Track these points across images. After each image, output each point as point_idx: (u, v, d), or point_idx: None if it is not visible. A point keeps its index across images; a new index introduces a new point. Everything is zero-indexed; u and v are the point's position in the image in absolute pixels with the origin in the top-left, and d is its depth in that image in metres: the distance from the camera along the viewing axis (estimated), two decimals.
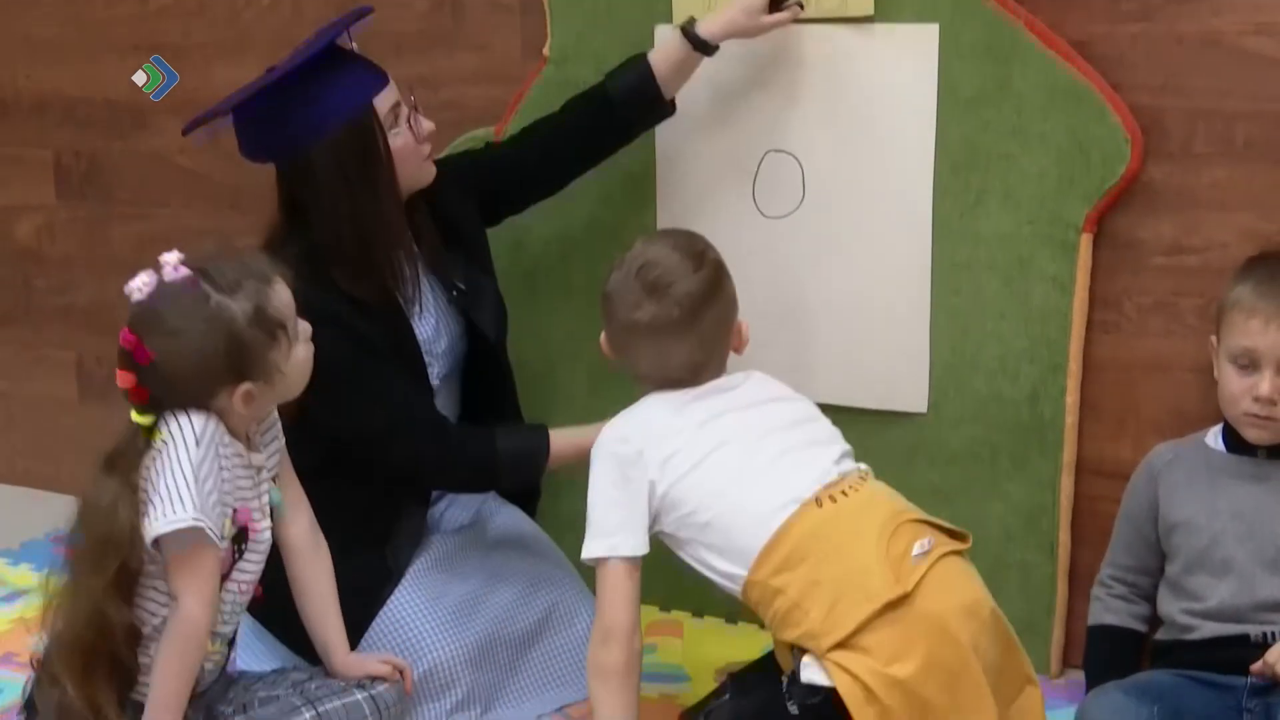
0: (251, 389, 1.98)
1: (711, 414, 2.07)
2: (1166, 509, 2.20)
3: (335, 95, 2.24)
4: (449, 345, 2.45)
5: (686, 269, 2.09)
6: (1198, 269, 2.33)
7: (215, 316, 1.94)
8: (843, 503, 1.97)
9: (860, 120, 2.47)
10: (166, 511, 1.90)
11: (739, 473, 2.02)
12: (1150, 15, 2.30)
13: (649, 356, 2.11)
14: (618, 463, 2.08)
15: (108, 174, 3.36)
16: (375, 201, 2.27)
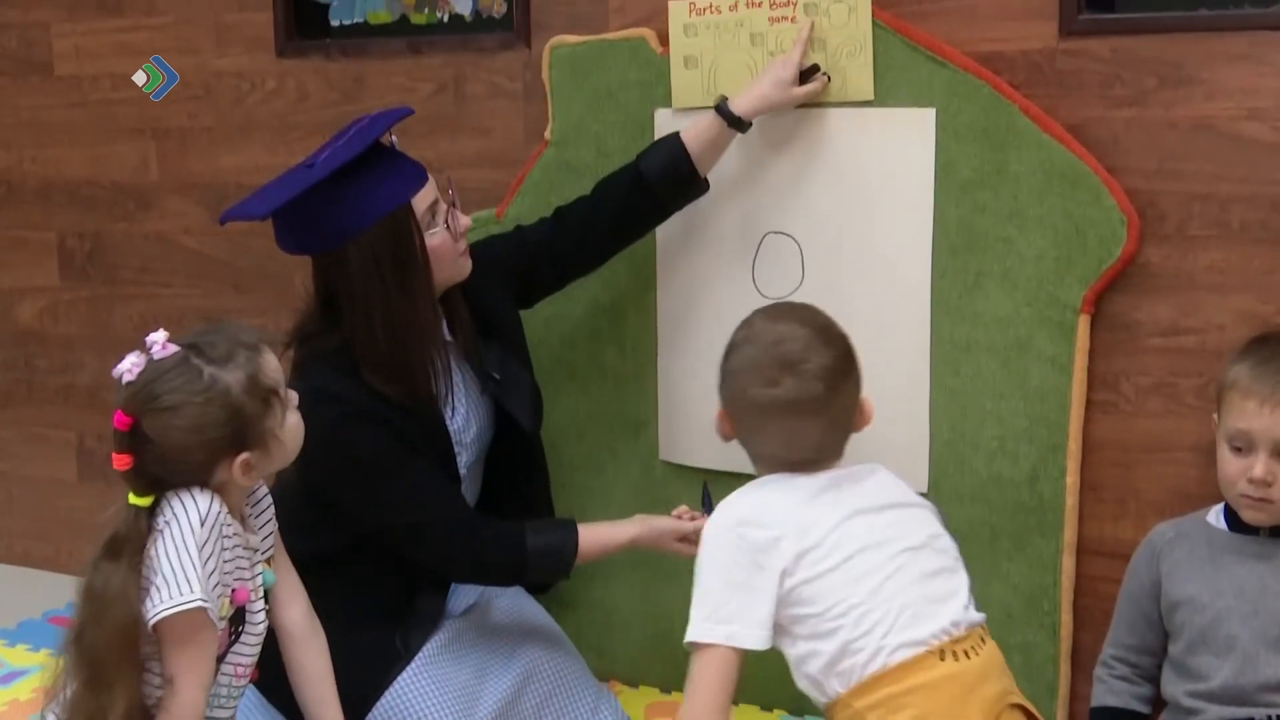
0: (250, 458, 1.96)
1: (846, 512, 1.96)
2: (1169, 587, 2.18)
3: (373, 194, 2.21)
4: (478, 433, 2.44)
5: (819, 343, 2.00)
6: (1195, 350, 2.34)
7: (210, 389, 1.92)
8: (964, 664, 1.89)
9: (859, 202, 2.49)
10: (172, 593, 1.87)
11: (875, 592, 1.90)
12: (1143, 100, 2.33)
13: (780, 435, 2.00)
14: (748, 547, 1.93)
15: (111, 255, 3.38)
16: (409, 301, 2.24)
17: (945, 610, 1.92)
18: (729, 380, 2.05)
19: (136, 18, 3.22)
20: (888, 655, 1.87)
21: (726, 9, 2.52)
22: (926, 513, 2.05)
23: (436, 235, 2.27)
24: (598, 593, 2.86)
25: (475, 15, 2.89)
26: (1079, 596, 2.46)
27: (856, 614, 1.89)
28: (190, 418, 1.91)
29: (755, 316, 2.09)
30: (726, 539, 1.95)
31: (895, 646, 1.87)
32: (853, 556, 1.91)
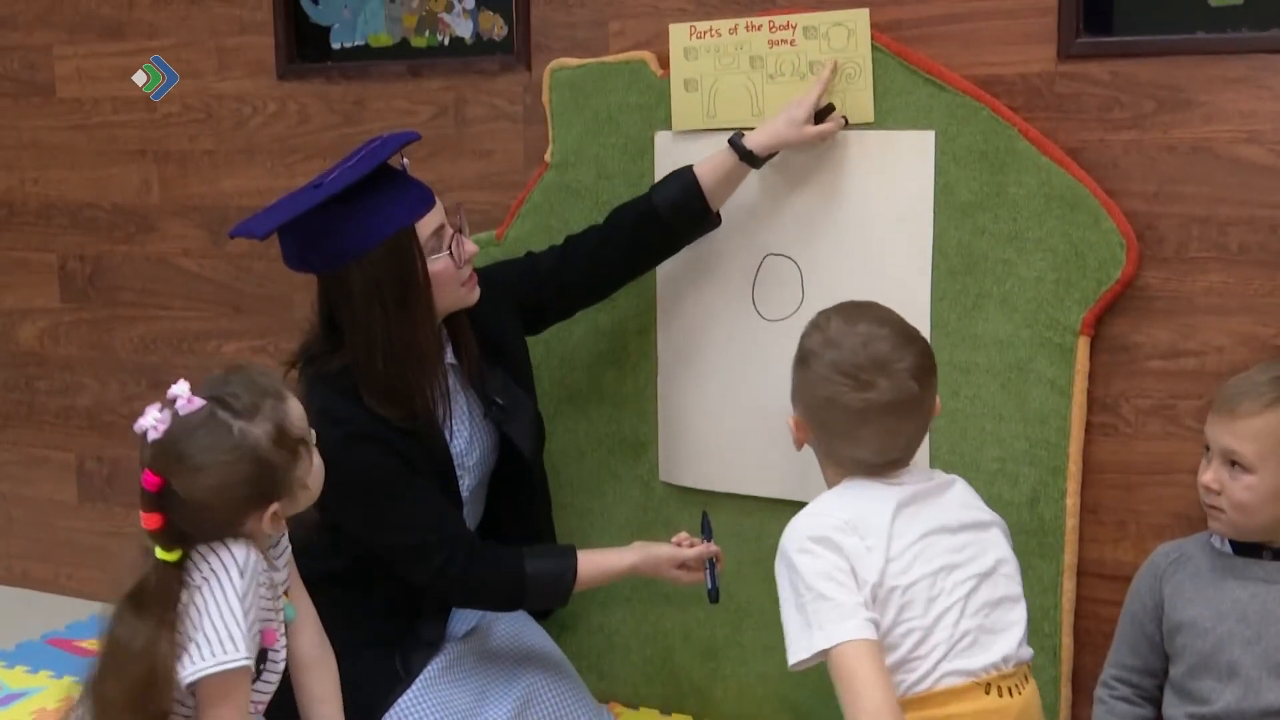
0: (278, 509, 1.94)
1: (927, 528, 1.93)
2: (1170, 610, 2.17)
3: (377, 216, 2.20)
4: (480, 458, 2.43)
5: (904, 341, 1.97)
6: (1195, 372, 2.34)
7: (240, 446, 1.89)
8: (1006, 701, 1.89)
9: (859, 224, 2.49)
10: (215, 652, 1.85)
11: (941, 616, 1.89)
12: (1142, 123, 2.33)
13: (875, 439, 1.96)
14: (843, 555, 1.89)
15: (112, 277, 3.38)
16: (409, 325, 2.23)
17: (1000, 643, 1.92)
18: (813, 387, 1.98)
19: (138, 41, 3.22)
20: (938, 679, 1.87)
21: (726, 32, 2.52)
22: (999, 533, 2.04)
23: (440, 261, 2.26)
24: (597, 615, 2.85)
25: (476, 38, 2.90)
26: (1079, 619, 2.45)
27: (919, 635, 1.88)
28: (220, 477, 1.88)
29: (828, 320, 2.02)
30: (822, 545, 1.90)
31: (947, 672, 1.87)
32: (928, 577, 1.90)
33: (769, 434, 2.60)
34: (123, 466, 3.45)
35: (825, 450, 2.04)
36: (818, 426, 2.01)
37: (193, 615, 1.87)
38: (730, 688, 2.77)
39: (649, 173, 2.65)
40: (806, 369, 2.00)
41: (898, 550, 1.90)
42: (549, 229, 2.76)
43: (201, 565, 1.90)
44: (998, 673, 1.90)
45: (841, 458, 2.01)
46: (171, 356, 3.33)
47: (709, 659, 2.77)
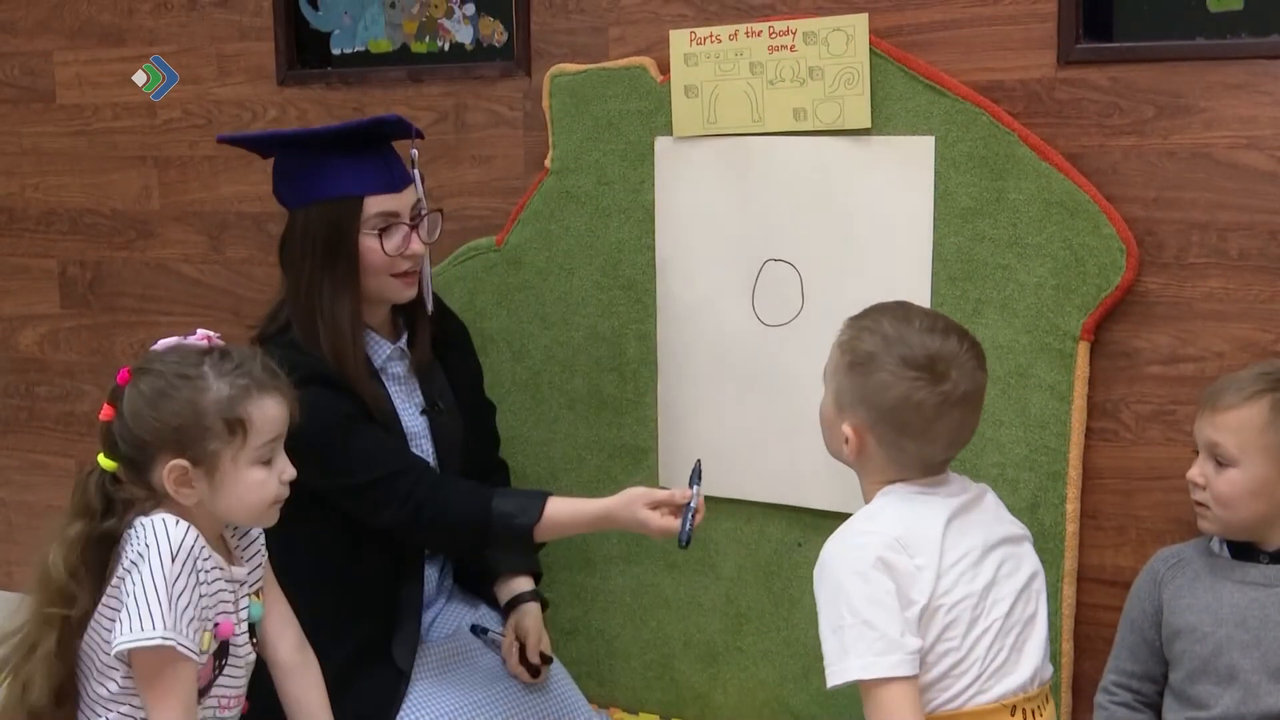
0: (185, 468, 1.92)
1: (972, 542, 1.92)
2: (1170, 615, 2.16)
3: (335, 172, 2.30)
4: (432, 451, 2.44)
5: (958, 334, 1.97)
6: (1195, 377, 2.33)
7: (189, 381, 1.93)
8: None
9: (858, 230, 2.48)
10: (134, 626, 1.85)
11: (979, 640, 1.89)
12: (1142, 129, 2.32)
13: (950, 431, 1.94)
14: (893, 576, 1.86)
15: (112, 283, 3.37)
16: (330, 287, 2.29)
17: (1027, 663, 1.92)
18: (883, 389, 1.93)
19: (138, 47, 3.22)
20: (967, 700, 1.87)
21: (726, 38, 2.52)
22: (1029, 546, 2.04)
23: (370, 241, 2.30)
24: (597, 620, 2.85)
25: (476, 44, 2.90)
26: (1079, 625, 2.45)
27: (956, 657, 1.87)
28: (154, 390, 1.93)
29: (876, 321, 1.99)
30: (872, 564, 1.86)
31: (977, 693, 1.87)
32: (972, 596, 1.89)
33: (769, 439, 2.60)
34: None
35: (891, 455, 1.97)
36: (891, 428, 1.94)
37: (126, 583, 1.88)
38: (730, 693, 2.76)
39: (649, 178, 2.65)
40: (869, 373, 1.94)
41: (947, 566, 1.88)
42: (549, 235, 2.76)
43: (137, 536, 1.91)
44: (1024, 694, 1.90)
45: (906, 460, 1.96)
46: None
47: (709, 664, 2.76)
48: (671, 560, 2.74)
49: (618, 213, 2.70)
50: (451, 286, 2.86)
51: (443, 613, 2.52)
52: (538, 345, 2.82)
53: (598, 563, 2.83)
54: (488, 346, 2.84)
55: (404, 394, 2.42)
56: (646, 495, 2.21)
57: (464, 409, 2.51)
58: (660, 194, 2.65)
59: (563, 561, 2.74)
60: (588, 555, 2.83)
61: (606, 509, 2.23)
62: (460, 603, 2.55)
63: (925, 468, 1.98)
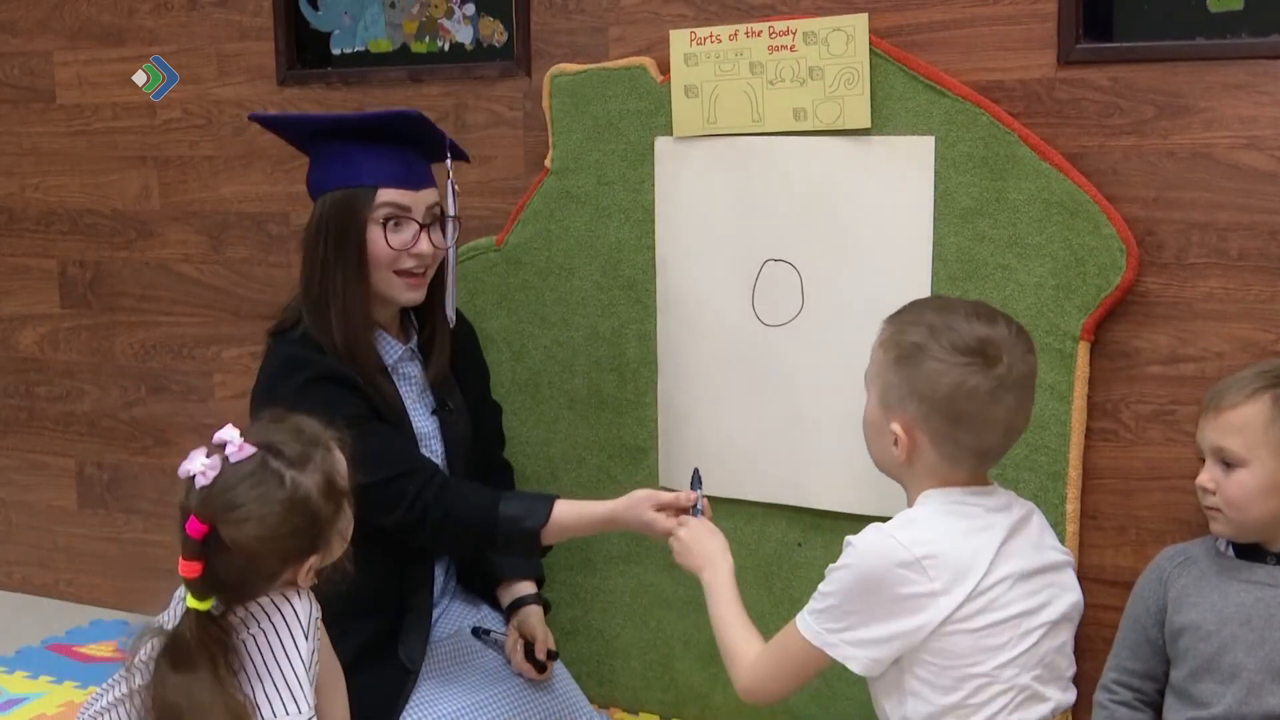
0: (315, 561, 1.90)
1: (1015, 569, 1.87)
2: (1174, 612, 2.16)
3: (355, 164, 2.31)
4: (442, 452, 2.44)
5: (1003, 321, 1.93)
6: (1194, 377, 2.33)
7: (292, 496, 1.84)
8: None
9: (858, 230, 2.48)
10: (288, 709, 1.82)
11: (1005, 666, 1.85)
12: (1142, 129, 2.32)
13: (1007, 417, 1.89)
14: (889, 596, 1.83)
15: (112, 283, 3.37)
16: (340, 275, 2.30)
17: (1052, 692, 1.90)
18: (935, 379, 1.87)
19: (138, 47, 3.22)
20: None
21: (726, 38, 2.52)
22: (1071, 574, 2.00)
23: (376, 231, 2.31)
24: (598, 620, 2.85)
25: (476, 44, 2.89)
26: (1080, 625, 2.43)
27: (978, 683, 1.84)
28: (271, 527, 1.83)
29: (919, 314, 1.95)
30: (881, 569, 1.83)
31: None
32: (999, 624, 1.85)
33: (769, 439, 2.60)
34: (123, 472, 3.44)
35: (942, 450, 1.91)
36: (945, 420, 1.88)
37: (258, 668, 1.83)
38: (731, 693, 2.74)
39: (649, 178, 2.65)
40: (918, 364, 1.89)
41: (981, 590, 1.83)
42: (549, 235, 2.76)
43: (263, 620, 1.86)
44: None
45: (961, 455, 1.90)
46: (172, 362, 3.32)
47: (709, 664, 2.76)
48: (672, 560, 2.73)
49: (618, 213, 2.70)
50: None
51: (446, 612, 2.52)
52: (538, 345, 2.81)
53: (598, 563, 2.83)
54: (488, 346, 2.84)
55: (414, 394, 2.42)
56: (652, 497, 2.20)
57: (471, 408, 2.52)
58: (660, 194, 2.65)
59: (563, 562, 2.74)
60: (588, 555, 2.83)
61: (612, 511, 2.23)
62: (463, 603, 2.55)
63: (979, 463, 1.93)
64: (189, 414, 3.32)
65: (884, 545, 1.85)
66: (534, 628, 2.44)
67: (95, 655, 3.16)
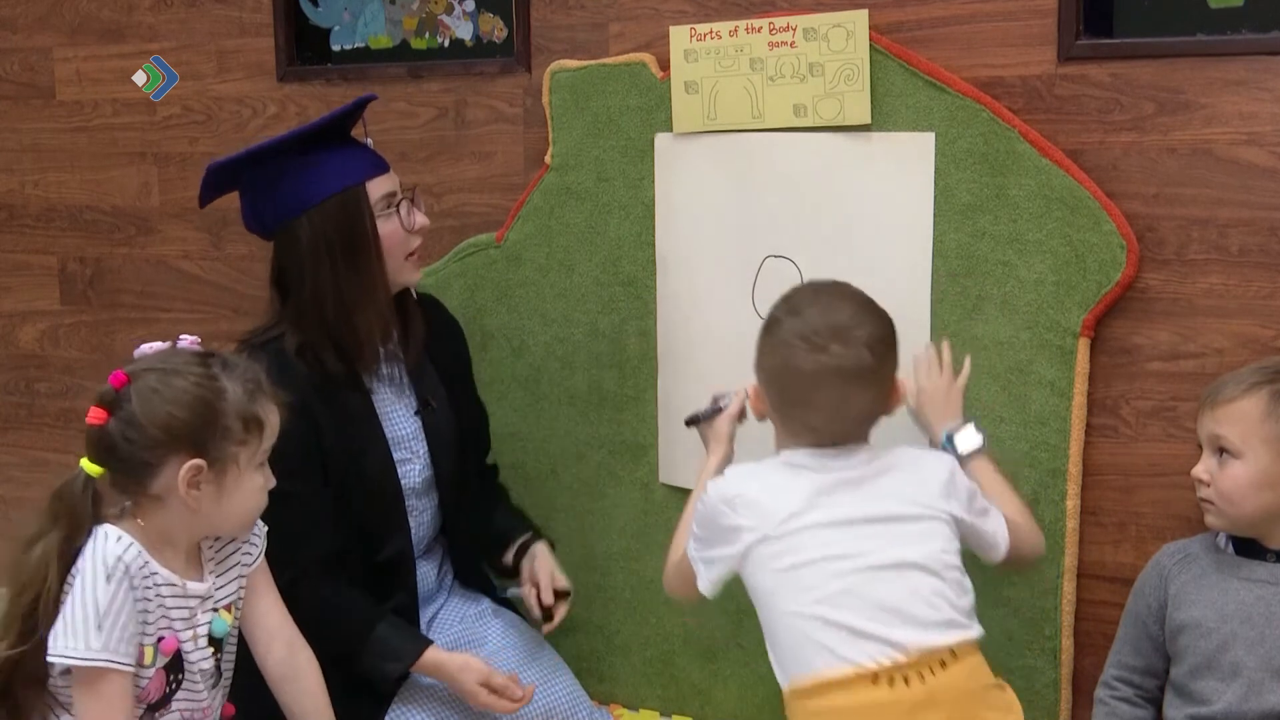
0: (201, 469, 1.91)
1: (834, 518, 1.98)
2: (1174, 609, 2.17)
3: (328, 170, 2.29)
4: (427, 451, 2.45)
5: (867, 314, 2.03)
6: (1195, 374, 2.34)
7: (205, 381, 1.92)
8: (901, 692, 1.87)
9: (858, 226, 2.49)
10: (68, 643, 1.86)
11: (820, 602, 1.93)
12: (1142, 125, 2.33)
13: (829, 404, 2.00)
14: (716, 525, 2.04)
15: (112, 279, 3.38)
16: (360, 281, 2.29)
17: (895, 632, 1.90)
18: (773, 352, 2.05)
19: (138, 43, 3.22)
20: (819, 667, 1.90)
21: (727, 34, 2.53)
22: (930, 525, 2.01)
23: (389, 222, 2.32)
24: (598, 616, 2.86)
25: (476, 40, 2.90)
26: (1079, 621, 2.45)
27: (791, 619, 1.95)
28: (171, 388, 1.91)
29: (797, 291, 2.12)
30: (706, 505, 2.06)
31: (827, 660, 1.90)
32: (807, 565, 1.95)
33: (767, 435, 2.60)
34: None
35: (780, 419, 2.09)
36: (775, 392, 2.07)
37: (70, 589, 1.90)
38: (731, 689, 2.77)
39: (649, 175, 2.66)
40: (769, 335, 2.06)
41: (784, 534, 1.97)
42: (549, 231, 2.77)
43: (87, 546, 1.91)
44: (891, 661, 1.88)
45: (795, 425, 2.06)
46: None
47: (710, 660, 2.77)
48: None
49: (618, 209, 2.71)
50: (451, 283, 2.86)
51: (445, 609, 2.52)
52: (538, 342, 2.82)
53: (598, 559, 2.84)
54: (488, 343, 2.85)
55: (394, 395, 2.42)
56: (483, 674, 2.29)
57: (454, 403, 2.52)
58: (660, 190, 2.65)
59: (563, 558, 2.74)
60: (588, 552, 2.84)
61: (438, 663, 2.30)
62: (462, 599, 2.55)
63: (815, 436, 2.04)
64: None
65: (719, 483, 2.06)
66: (539, 569, 2.45)
67: None
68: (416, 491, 2.43)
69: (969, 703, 1.91)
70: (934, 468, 2.08)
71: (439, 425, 2.46)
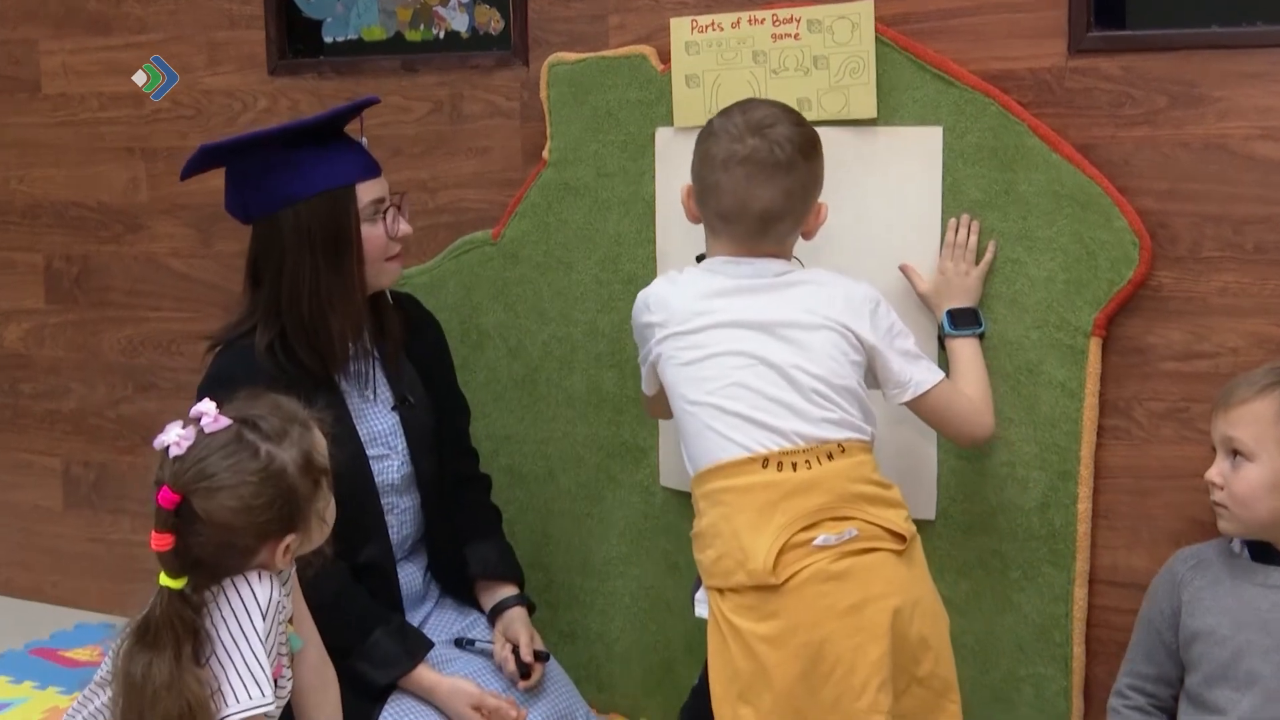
0: (293, 541, 1.91)
1: (729, 318, 2.14)
2: (1188, 617, 2.16)
3: (320, 167, 2.31)
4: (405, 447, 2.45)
5: (789, 119, 2.17)
6: (1209, 374, 2.33)
7: (267, 468, 1.86)
8: (787, 475, 2.05)
9: (864, 223, 2.48)
10: (250, 694, 1.83)
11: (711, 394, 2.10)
12: (1155, 119, 2.32)
13: (734, 193, 2.14)
14: (638, 325, 2.24)
15: (99, 277, 3.37)
16: (338, 280, 2.31)
17: (783, 423, 2.07)
18: (698, 148, 2.19)
19: (126, 35, 3.22)
20: (715, 454, 2.08)
21: (729, 26, 2.52)
22: (829, 336, 2.13)
23: (373, 227, 2.34)
24: (597, 624, 2.85)
25: (472, 32, 2.89)
26: (1091, 628, 2.44)
27: (697, 412, 2.11)
28: (244, 499, 1.84)
29: (734, 104, 2.22)
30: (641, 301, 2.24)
31: (723, 446, 2.08)
32: (702, 361, 2.12)
33: None
34: (109, 472, 3.44)
35: (701, 211, 2.22)
36: (696, 183, 2.21)
37: (220, 652, 1.84)
38: None
39: (649, 170, 2.65)
40: (699, 140, 2.20)
41: (688, 328, 2.14)
42: (547, 228, 2.76)
43: (223, 602, 1.86)
44: (779, 449, 2.06)
45: (710, 217, 2.20)
46: (160, 359, 3.32)
47: None
48: (673, 561, 2.73)
49: (617, 205, 2.70)
50: (447, 281, 2.86)
51: (432, 618, 2.51)
52: (535, 341, 2.81)
53: (596, 564, 2.83)
54: (484, 343, 2.84)
55: (369, 392, 2.42)
56: (473, 697, 2.30)
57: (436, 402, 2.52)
58: (661, 186, 2.64)
59: (560, 563, 2.74)
60: (586, 557, 2.83)
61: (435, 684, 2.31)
62: (452, 610, 2.54)
63: (729, 232, 2.17)
64: (178, 412, 3.25)
65: (646, 289, 2.25)
66: (519, 631, 2.44)
67: (80, 660, 3.16)
68: (396, 488, 2.42)
69: (850, 492, 2.07)
70: (845, 287, 2.19)
71: (417, 421, 2.46)
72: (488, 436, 2.80)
